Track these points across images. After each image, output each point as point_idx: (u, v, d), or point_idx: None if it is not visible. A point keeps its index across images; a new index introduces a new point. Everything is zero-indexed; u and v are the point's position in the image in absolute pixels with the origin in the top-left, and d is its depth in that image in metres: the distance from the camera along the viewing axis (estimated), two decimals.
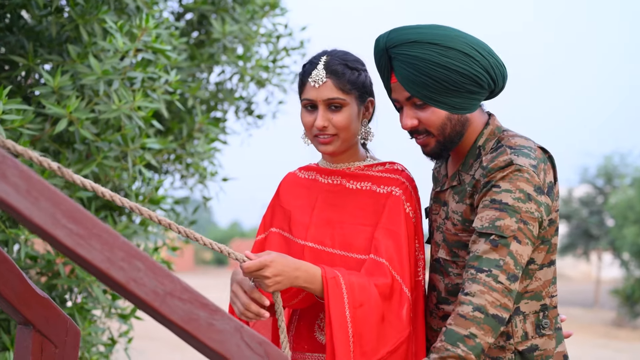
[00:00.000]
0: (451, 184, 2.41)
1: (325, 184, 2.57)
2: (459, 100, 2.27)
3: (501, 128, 2.38)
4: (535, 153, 2.26)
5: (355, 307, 2.26)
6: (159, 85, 3.33)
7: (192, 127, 4.03)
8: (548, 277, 2.32)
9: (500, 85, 2.32)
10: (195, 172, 4.19)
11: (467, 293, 2.13)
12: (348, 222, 2.48)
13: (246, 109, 4.65)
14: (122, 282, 1.45)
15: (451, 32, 2.25)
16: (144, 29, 3.20)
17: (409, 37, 2.25)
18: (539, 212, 2.20)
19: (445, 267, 2.40)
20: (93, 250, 1.43)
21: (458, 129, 2.33)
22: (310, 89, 2.44)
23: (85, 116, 3.08)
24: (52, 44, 3.49)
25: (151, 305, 1.48)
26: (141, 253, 1.48)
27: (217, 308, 1.56)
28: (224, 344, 1.56)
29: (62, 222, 1.40)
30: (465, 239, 2.32)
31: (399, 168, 2.55)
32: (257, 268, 2.17)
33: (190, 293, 1.54)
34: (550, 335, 2.31)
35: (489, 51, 2.27)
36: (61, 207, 1.40)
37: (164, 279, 1.50)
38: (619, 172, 23.03)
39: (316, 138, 2.47)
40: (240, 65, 4.21)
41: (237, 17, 4.20)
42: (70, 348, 2.00)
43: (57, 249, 1.42)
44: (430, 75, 2.22)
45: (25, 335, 1.92)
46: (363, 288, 2.28)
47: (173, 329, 1.54)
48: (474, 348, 2.09)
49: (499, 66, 2.28)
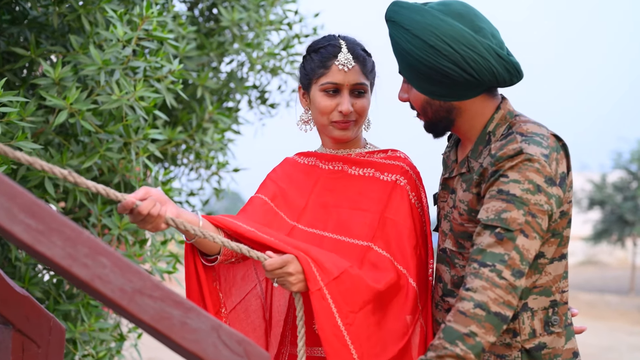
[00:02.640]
0: (460, 170, 2.30)
1: (326, 170, 2.51)
2: (434, 88, 2.17)
3: (513, 113, 2.24)
4: (547, 141, 2.13)
5: (346, 314, 2.17)
6: (162, 74, 3.25)
7: (202, 117, 3.95)
8: (559, 271, 2.19)
9: (490, 80, 2.15)
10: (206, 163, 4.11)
11: (468, 289, 2.02)
12: (345, 206, 2.41)
13: (259, 98, 4.56)
14: (85, 279, 1.37)
15: (426, 20, 2.13)
16: (145, 17, 3.12)
17: (391, 15, 2.21)
18: (549, 205, 2.07)
19: (451, 257, 2.29)
20: (54, 246, 1.35)
21: (442, 115, 2.23)
22: (336, 72, 2.39)
23: (86, 107, 3.02)
24: (54, 35, 3.43)
25: (118, 304, 1.40)
26: (107, 249, 1.40)
27: (191, 306, 1.48)
28: (199, 343, 1.47)
29: (20, 217, 1.32)
30: (471, 229, 2.20)
31: (401, 155, 2.49)
32: (280, 265, 2.11)
33: (162, 290, 1.45)
34: (560, 333, 2.19)
35: (468, 44, 2.10)
36: (17, 201, 1.32)
37: (132, 276, 1.42)
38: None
39: (335, 123, 2.41)
40: (249, 53, 4.12)
41: (246, 4, 4.11)
42: (55, 346, 1.93)
43: (16, 245, 1.34)
44: (401, 57, 2.19)
45: (5, 335, 1.86)
46: (355, 291, 2.20)
47: (144, 328, 1.47)
48: (474, 347, 1.98)
49: (481, 60, 2.11)
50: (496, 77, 2.15)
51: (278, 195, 2.47)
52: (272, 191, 2.49)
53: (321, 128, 2.47)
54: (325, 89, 2.39)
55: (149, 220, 2.03)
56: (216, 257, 2.28)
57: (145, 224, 2.04)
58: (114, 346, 3.50)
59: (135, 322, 1.45)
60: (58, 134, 3.36)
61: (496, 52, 2.13)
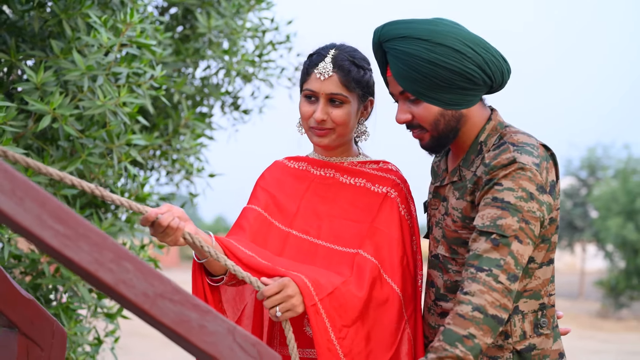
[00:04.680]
0: (451, 179, 2.38)
1: (318, 176, 2.55)
2: (451, 96, 2.23)
3: (503, 124, 2.34)
4: (537, 151, 2.22)
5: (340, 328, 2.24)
6: (144, 80, 3.27)
7: (178, 122, 3.98)
8: (547, 275, 2.29)
9: (499, 81, 2.27)
10: (182, 168, 4.13)
11: (466, 292, 2.10)
12: (338, 216, 2.46)
13: (232, 104, 4.60)
14: (110, 284, 1.41)
15: (443, 28, 2.20)
16: (128, 24, 3.14)
17: (400, 32, 2.22)
18: (541, 212, 2.16)
19: (444, 263, 2.37)
20: (80, 251, 1.38)
21: (452, 125, 2.29)
22: (314, 80, 2.43)
23: (69, 112, 3.02)
24: (34, 39, 3.43)
25: (141, 308, 1.44)
26: (130, 254, 1.44)
27: (208, 309, 1.52)
28: (216, 345, 1.52)
29: (49, 223, 1.36)
30: (465, 236, 2.29)
31: (393, 168, 2.55)
32: (279, 289, 2.15)
33: (181, 294, 1.50)
34: (548, 335, 2.29)
35: (484, 47, 2.22)
36: (47, 207, 1.36)
37: (154, 280, 1.46)
38: (602, 164, 23.15)
39: (312, 129, 2.46)
40: (226, 60, 4.15)
41: (222, 11, 4.14)
42: (57, 350, 1.96)
43: (44, 250, 1.38)
44: (419, 71, 2.19)
45: (10, 339, 1.88)
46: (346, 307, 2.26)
47: (164, 331, 1.51)
48: (473, 349, 2.06)
49: (496, 61, 2.23)
50: (503, 78, 2.27)
51: (270, 204, 2.52)
52: (264, 200, 2.53)
53: (306, 132, 2.52)
54: (305, 95, 2.47)
55: (169, 233, 2.10)
56: (222, 278, 2.33)
57: (165, 236, 2.11)
58: (90, 350, 3.51)
59: (155, 325, 1.49)
60: (37, 138, 3.36)
61: (501, 55, 2.25)
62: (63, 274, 3.28)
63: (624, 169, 20.08)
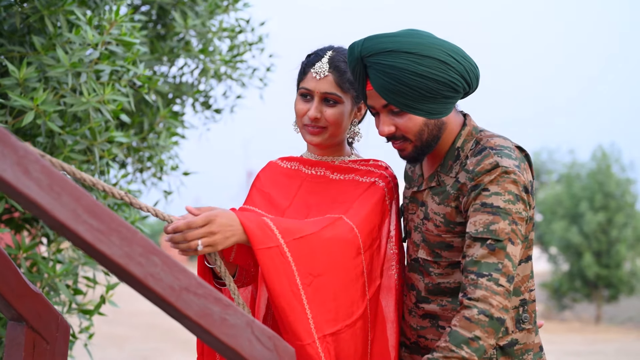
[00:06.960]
0: (429, 184, 2.43)
1: (309, 175, 2.62)
2: (435, 106, 2.28)
3: (478, 128, 2.41)
4: (514, 153, 2.31)
5: (310, 277, 2.25)
6: (127, 78, 3.29)
7: (153, 120, 4.00)
8: (526, 272, 2.38)
9: (475, 87, 2.36)
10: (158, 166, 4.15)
11: (470, 298, 2.17)
12: (325, 205, 2.52)
13: (203, 103, 4.63)
14: (140, 277, 1.46)
15: (426, 40, 2.26)
16: (113, 22, 3.16)
17: (384, 46, 2.25)
18: (526, 212, 2.26)
19: (425, 266, 2.43)
20: (112, 245, 1.43)
21: (435, 133, 2.35)
22: (310, 79, 2.50)
23: (53, 109, 3.03)
24: (13, 35, 3.42)
25: (167, 301, 1.49)
26: (158, 249, 1.49)
27: (229, 303, 1.58)
28: (236, 338, 1.57)
29: (83, 218, 1.40)
30: (449, 239, 2.36)
31: (383, 165, 2.61)
32: (204, 223, 2.12)
33: (205, 288, 1.55)
34: (530, 329, 2.38)
35: (463, 55, 2.29)
36: (82, 202, 1.40)
37: (180, 274, 1.51)
38: (546, 168, 23.59)
39: (305, 127, 2.53)
40: (202, 59, 4.19)
41: (199, 11, 4.17)
42: (61, 344, 1.98)
43: (77, 244, 1.41)
44: (407, 84, 2.23)
45: (18, 332, 1.90)
46: (319, 252, 2.27)
47: (187, 323, 1.56)
48: (477, 350, 2.14)
49: (473, 69, 2.31)
50: (477, 83, 2.35)
51: (264, 203, 2.58)
52: (258, 201, 2.58)
53: (300, 130, 2.58)
54: (301, 93, 2.54)
55: (188, 252, 2.14)
56: None
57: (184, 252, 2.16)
58: None
59: (179, 318, 1.53)
60: (15, 133, 3.35)
61: (475, 62, 2.33)
62: (40, 270, 3.28)
63: (568, 173, 20.52)
